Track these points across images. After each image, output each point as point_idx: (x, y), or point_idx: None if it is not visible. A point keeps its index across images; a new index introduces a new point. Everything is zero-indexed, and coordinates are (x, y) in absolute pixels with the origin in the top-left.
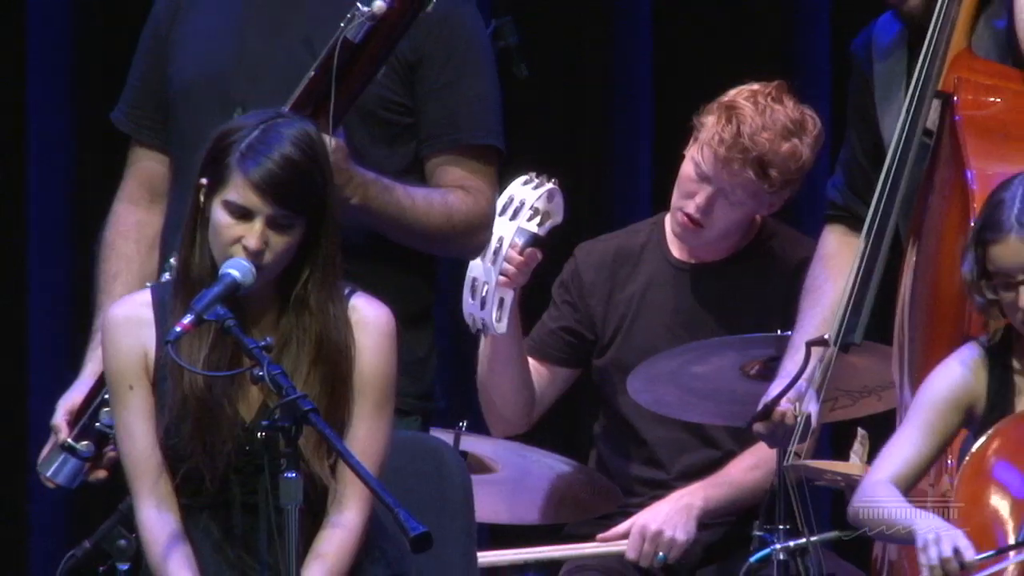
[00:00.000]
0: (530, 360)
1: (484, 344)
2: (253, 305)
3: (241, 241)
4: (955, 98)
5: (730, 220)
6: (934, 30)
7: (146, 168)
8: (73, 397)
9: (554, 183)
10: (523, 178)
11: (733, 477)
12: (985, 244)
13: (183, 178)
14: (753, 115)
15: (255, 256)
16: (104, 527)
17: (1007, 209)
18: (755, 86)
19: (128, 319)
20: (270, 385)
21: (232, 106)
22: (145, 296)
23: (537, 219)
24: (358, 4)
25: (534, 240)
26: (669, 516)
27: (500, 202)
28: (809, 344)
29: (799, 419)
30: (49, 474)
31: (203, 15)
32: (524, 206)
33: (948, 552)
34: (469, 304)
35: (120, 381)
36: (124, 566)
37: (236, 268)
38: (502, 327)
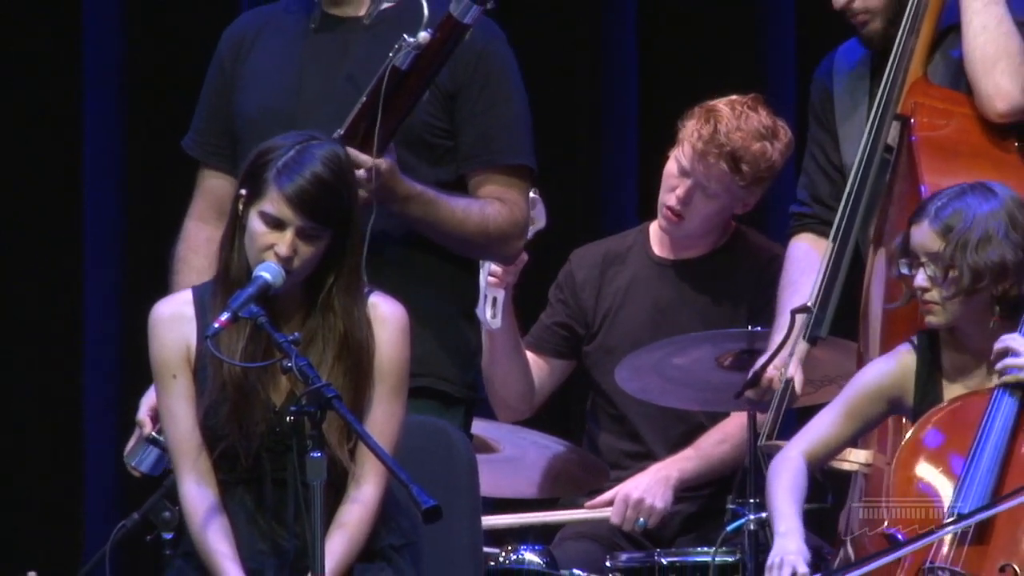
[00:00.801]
0: (529, 354)
1: (484, 339)
2: (283, 304)
3: (273, 248)
4: (912, 120)
5: (707, 212)
6: (894, 59)
7: (213, 188)
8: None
9: (535, 192)
10: None
11: (703, 451)
12: (911, 224)
13: None
14: (730, 117)
15: (285, 262)
16: (151, 501)
17: (934, 200)
18: (734, 96)
19: (172, 316)
20: (297, 375)
21: None
22: (187, 295)
23: None
24: (404, 36)
25: None
26: (649, 486)
27: None
28: (793, 312)
29: (782, 383)
30: (135, 463)
31: (265, 54)
32: None
33: None
34: None
35: (165, 371)
36: (168, 535)
37: (268, 271)
38: (496, 323)
